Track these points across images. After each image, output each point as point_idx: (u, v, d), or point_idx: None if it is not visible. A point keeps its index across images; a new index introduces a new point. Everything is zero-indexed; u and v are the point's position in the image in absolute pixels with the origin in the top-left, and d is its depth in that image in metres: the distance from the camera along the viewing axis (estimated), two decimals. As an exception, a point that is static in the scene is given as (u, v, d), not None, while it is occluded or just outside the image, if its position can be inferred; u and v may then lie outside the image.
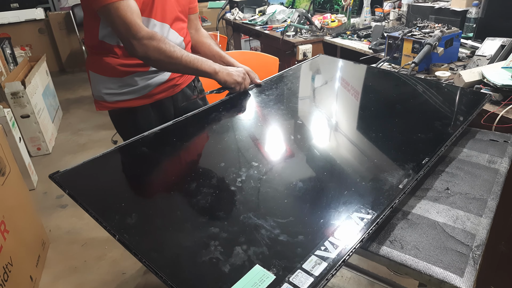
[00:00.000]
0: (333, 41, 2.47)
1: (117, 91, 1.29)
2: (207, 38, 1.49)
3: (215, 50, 1.45)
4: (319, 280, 0.57)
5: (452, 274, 0.67)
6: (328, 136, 1.09)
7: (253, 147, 1.00)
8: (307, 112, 1.23)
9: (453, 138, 0.97)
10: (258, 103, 1.26)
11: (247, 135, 1.07)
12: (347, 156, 0.97)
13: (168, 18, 1.26)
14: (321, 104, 1.30)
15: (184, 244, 0.68)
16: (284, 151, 1.00)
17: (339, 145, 1.03)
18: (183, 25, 1.35)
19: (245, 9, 3.46)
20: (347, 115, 1.21)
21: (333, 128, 1.12)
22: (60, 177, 0.88)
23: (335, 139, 1.06)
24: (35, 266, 1.83)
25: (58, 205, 2.43)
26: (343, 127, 1.12)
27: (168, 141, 1.06)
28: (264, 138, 1.07)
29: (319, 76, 1.56)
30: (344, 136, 1.06)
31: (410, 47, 1.69)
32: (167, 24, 1.27)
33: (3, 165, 1.75)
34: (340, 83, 1.45)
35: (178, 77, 1.38)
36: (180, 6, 1.31)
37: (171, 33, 1.29)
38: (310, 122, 1.16)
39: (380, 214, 0.71)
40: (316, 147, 1.01)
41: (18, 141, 2.56)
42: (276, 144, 1.04)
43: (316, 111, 1.24)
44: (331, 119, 1.18)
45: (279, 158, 0.97)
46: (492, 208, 0.83)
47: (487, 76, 1.36)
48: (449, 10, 2.09)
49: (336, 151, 1.00)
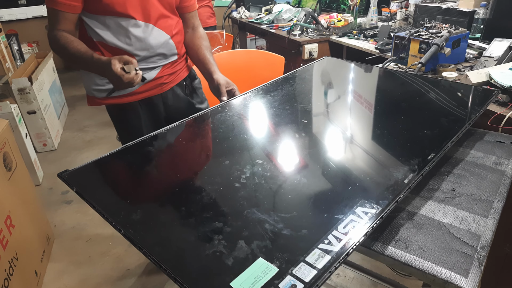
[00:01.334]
0: (339, 41, 2.47)
1: (105, 88, 1.30)
2: (200, 39, 1.45)
3: (202, 54, 1.42)
4: (322, 272, 0.57)
5: (456, 275, 0.66)
6: (333, 133, 1.08)
7: (257, 145, 1.01)
8: (312, 111, 1.23)
9: (459, 135, 0.96)
10: (263, 103, 1.26)
11: (251, 134, 1.08)
12: (352, 152, 0.97)
13: (152, 17, 1.26)
14: (326, 103, 1.30)
15: (188, 239, 0.68)
16: (288, 148, 1.00)
17: (344, 141, 1.03)
18: (170, 22, 1.33)
19: (251, 8, 3.46)
20: (353, 113, 1.20)
21: (339, 126, 1.12)
22: (68, 176, 0.90)
23: (340, 136, 1.06)
24: (40, 261, 1.84)
25: (63, 201, 2.45)
26: (348, 125, 1.12)
27: (173, 141, 1.07)
28: (269, 137, 1.07)
29: (324, 77, 1.56)
30: (349, 133, 1.06)
31: (417, 47, 1.68)
32: (151, 23, 1.26)
33: (9, 161, 1.77)
34: (346, 84, 1.45)
35: (166, 76, 1.38)
36: (164, 4, 1.29)
37: (155, 31, 1.28)
38: (315, 121, 1.16)
39: (384, 208, 0.71)
40: (321, 144, 1.01)
41: (24, 137, 2.58)
42: (281, 142, 1.04)
43: (321, 110, 1.24)
44: (336, 118, 1.17)
45: (283, 155, 0.97)
46: (498, 209, 0.82)
47: (494, 77, 1.35)
48: (456, 10, 2.08)
49: (341, 147, 1.00)
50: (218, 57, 2.01)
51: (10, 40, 3.38)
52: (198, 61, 1.42)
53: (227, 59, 2.02)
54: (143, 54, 1.28)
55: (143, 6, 1.23)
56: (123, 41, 1.24)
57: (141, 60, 1.29)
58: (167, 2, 1.29)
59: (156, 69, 1.34)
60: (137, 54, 1.27)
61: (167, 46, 1.33)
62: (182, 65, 1.45)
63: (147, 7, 1.24)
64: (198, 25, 1.48)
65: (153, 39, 1.28)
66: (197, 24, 1.48)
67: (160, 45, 1.30)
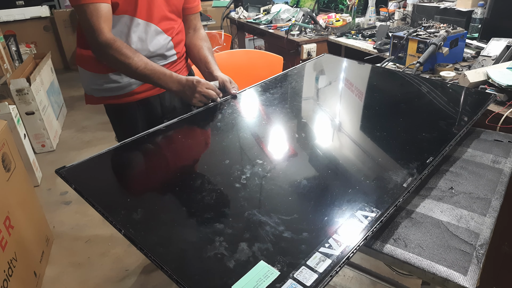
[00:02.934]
0: (337, 41, 2.47)
1: (102, 87, 1.30)
2: (201, 40, 1.45)
3: (203, 55, 1.41)
4: (323, 276, 0.58)
5: (455, 273, 0.67)
6: (332, 135, 1.09)
7: (257, 145, 1.01)
8: (311, 111, 1.23)
9: (457, 138, 0.97)
10: (262, 101, 1.27)
11: (251, 133, 1.08)
12: (352, 154, 0.97)
13: (155, 17, 1.25)
14: (325, 103, 1.31)
15: (190, 240, 0.68)
16: (288, 149, 1.00)
17: (344, 144, 1.04)
18: (174, 24, 1.33)
19: (250, 8, 3.46)
20: (351, 114, 1.21)
21: (338, 127, 1.13)
22: (66, 172, 0.89)
23: (340, 138, 1.06)
24: (39, 262, 1.84)
25: (62, 202, 2.44)
26: (347, 126, 1.12)
27: (173, 138, 1.07)
28: (269, 137, 1.07)
29: (323, 76, 1.56)
30: (348, 135, 1.07)
31: (415, 47, 1.69)
32: (153, 23, 1.25)
33: (8, 161, 1.77)
34: (345, 83, 1.45)
35: None
36: (170, 5, 1.29)
37: (157, 32, 1.28)
38: (314, 121, 1.16)
39: (384, 212, 0.71)
40: (320, 145, 1.01)
41: (23, 137, 2.58)
42: (281, 142, 1.04)
43: (320, 110, 1.24)
44: (335, 118, 1.18)
45: (283, 156, 0.97)
46: (496, 207, 0.83)
47: (492, 77, 1.35)
48: (454, 10, 2.09)
49: (340, 150, 1.00)
50: (217, 57, 2.00)
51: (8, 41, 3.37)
52: (199, 60, 1.42)
53: (226, 59, 2.02)
54: (143, 54, 1.27)
55: (149, 7, 1.23)
56: (127, 41, 1.23)
57: None
58: (174, 5, 1.30)
59: None
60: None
61: (167, 46, 1.33)
62: (181, 65, 1.45)
63: (152, 8, 1.24)
64: (200, 27, 1.48)
65: (153, 40, 1.27)
66: (199, 26, 1.48)
67: (161, 46, 1.30)
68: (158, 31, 1.28)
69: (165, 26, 1.30)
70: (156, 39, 1.28)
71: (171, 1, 1.29)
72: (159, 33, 1.28)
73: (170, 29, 1.32)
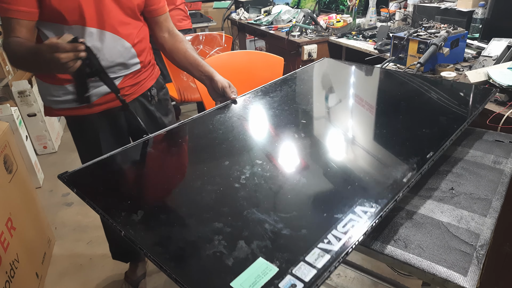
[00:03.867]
0: (338, 41, 2.47)
1: (61, 99, 1.25)
2: (183, 43, 1.36)
3: (192, 58, 1.33)
4: (322, 272, 0.58)
5: (455, 273, 0.67)
6: (332, 133, 1.09)
7: (257, 145, 1.01)
8: (311, 112, 1.23)
9: (458, 133, 0.96)
10: (262, 104, 1.27)
11: (251, 134, 1.08)
12: (351, 151, 0.97)
13: (108, 23, 1.17)
14: (325, 103, 1.31)
15: (189, 239, 0.68)
16: (288, 148, 1.00)
17: (343, 141, 1.04)
18: (132, 30, 1.24)
19: (251, 9, 3.47)
20: (352, 113, 1.21)
21: (337, 126, 1.13)
22: (69, 177, 0.90)
23: (339, 136, 1.06)
24: (41, 263, 1.85)
25: (64, 203, 2.45)
26: (347, 124, 1.12)
27: (172, 142, 1.07)
28: (268, 137, 1.08)
29: (323, 78, 1.56)
30: (348, 132, 1.07)
31: (416, 48, 1.69)
32: (107, 30, 1.18)
33: (10, 163, 1.77)
34: (345, 84, 1.45)
35: (128, 87, 1.30)
36: (124, 9, 1.20)
37: (114, 40, 1.20)
38: (313, 121, 1.16)
39: (383, 207, 0.71)
40: (320, 144, 1.01)
41: (24, 139, 2.59)
42: (280, 142, 1.04)
43: (320, 111, 1.24)
44: (336, 117, 1.18)
45: (283, 155, 0.97)
46: (496, 208, 0.83)
47: (493, 77, 1.35)
48: (455, 10, 2.09)
49: (340, 147, 1.00)
50: (217, 58, 2.02)
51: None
52: (190, 64, 1.33)
53: (227, 61, 2.02)
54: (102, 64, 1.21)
55: (99, 13, 1.15)
56: None
57: None
58: (128, 7, 1.21)
59: (116, 80, 1.26)
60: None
61: (127, 55, 1.25)
62: (147, 74, 1.37)
63: (104, 14, 1.15)
64: (173, 28, 1.38)
65: (111, 49, 1.20)
66: (172, 27, 1.38)
67: (120, 54, 1.22)
68: (115, 38, 1.20)
69: (123, 32, 1.21)
70: (114, 47, 1.20)
71: (125, 4, 1.20)
72: (117, 40, 1.21)
73: (129, 35, 1.23)
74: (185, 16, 3.00)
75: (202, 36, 2.82)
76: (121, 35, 1.21)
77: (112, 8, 1.17)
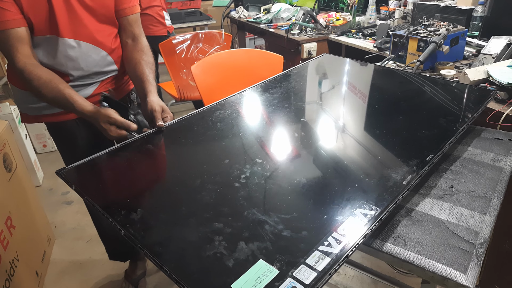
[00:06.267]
0: (338, 40, 2.47)
1: (38, 105, 1.22)
2: (139, 53, 1.25)
3: (140, 70, 1.22)
4: (322, 275, 0.58)
5: (455, 271, 0.67)
6: (332, 133, 1.09)
7: (257, 144, 1.01)
8: (311, 110, 1.23)
9: (457, 135, 0.96)
10: (262, 101, 1.27)
11: (251, 133, 1.08)
12: (351, 153, 0.97)
13: (83, 33, 1.15)
14: (325, 102, 1.31)
15: (189, 239, 0.68)
16: (288, 148, 1.00)
17: (343, 142, 1.03)
18: (108, 37, 1.21)
19: (250, 7, 3.46)
20: (352, 112, 1.21)
21: (337, 126, 1.13)
22: (67, 173, 0.90)
23: (339, 137, 1.06)
24: (40, 261, 1.85)
25: (64, 202, 2.45)
26: (347, 125, 1.12)
27: (172, 139, 1.07)
28: (268, 136, 1.08)
29: (323, 75, 1.56)
30: (348, 133, 1.07)
31: (415, 46, 1.69)
32: (82, 40, 1.15)
33: (9, 162, 1.77)
34: (344, 82, 1.45)
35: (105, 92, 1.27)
36: (97, 16, 1.17)
37: (89, 49, 1.18)
38: (314, 120, 1.16)
39: (383, 210, 0.71)
40: (320, 144, 1.01)
41: (24, 138, 2.58)
42: (280, 141, 1.04)
43: (320, 109, 1.24)
44: (336, 117, 1.18)
45: (283, 155, 0.97)
46: (496, 206, 0.83)
47: (492, 75, 1.35)
48: (455, 8, 2.08)
49: (340, 148, 1.00)
50: (217, 56, 2.01)
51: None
52: (135, 78, 1.23)
53: (226, 59, 2.02)
54: (77, 74, 1.19)
55: (72, 23, 1.12)
56: (56, 62, 1.15)
57: (76, 79, 1.20)
58: (101, 14, 1.17)
59: (93, 85, 1.24)
60: (71, 74, 1.18)
61: (103, 62, 1.23)
62: (125, 79, 1.35)
63: (77, 24, 1.13)
64: (139, 35, 1.28)
65: (87, 58, 1.18)
66: (138, 33, 1.28)
67: (96, 63, 1.21)
68: (90, 48, 1.17)
69: (98, 40, 1.19)
70: (89, 56, 1.18)
71: (98, 11, 1.16)
72: (92, 49, 1.18)
73: (105, 43, 1.21)
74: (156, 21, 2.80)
75: (201, 34, 2.81)
76: (96, 44, 1.19)
77: (85, 17, 1.14)
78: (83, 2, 1.13)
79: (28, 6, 1.06)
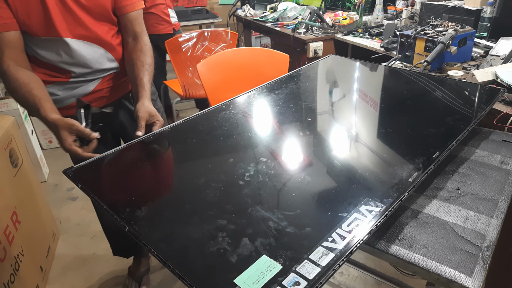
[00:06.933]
0: (344, 39, 2.46)
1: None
2: (139, 52, 1.22)
3: (136, 71, 1.19)
4: (326, 270, 0.57)
5: (461, 274, 0.66)
6: (338, 132, 1.08)
7: (261, 143, 1.01)
8: (316, 109, 1.23)
9: (465, 133, 0.95)
10: (267, 101, 1.26)
11: (256, 132, 1.08)
12: (356, 150, 0.97)
13: (79, 32, 1.15)
14: (330, 101, 1.30)
15: (193, 236, 0.68)
16: (293, 146, 1.00)
17: (349, 140, 1.03)
18: (107, 34, 1.20)
19: (256, 6, 3.46)
20: (357, 111, 1.20)
21: (343, 124, 1.12)
22: (74, 172, 0.90)
23: (345, 135, 1.06)
24: (45, 257, 1.86)
25: (69, 198, 2.46)
26: (352, 123, 1.11)
27: (177, 139, 1.07)
28: (273, 135, 1.07)
29: (329, 76, 1.55)
30: (353, 131, 1.06)
31: (423, 46, 1.67)
32: (80, 39, 1.15)
33: (15, 157, 1.78)
34: (350, 82, 1.44)
35: (106, 89, 1.28)
36: (94, 14, 1.16)
37: (88, 48, 1.18)
38: (319, 119, 1.15)
39: (389, 206, 0.70)
40: (325, 142, 1.01)
41: (30, 133, 2.60)
42: (285, 140, 1.04)
43: (325, 109, 1.23)
44: (341, 116, 1.17)
45: (288, 153, 0.97)
46: (503, 209, 0.82)
47: (500, 76, 1.34)
48: (463, 9, 2.07)
49: (345, 146, 0.99)
50: (223, 55, 2.01)
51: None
52: (131, 79, 1.22)
53: (232, 57, 2.02)
54: (79, 71, 1.20)
55: (69, 22, 1.12)
56: (56, 59, 1.16)
57: (78, 76, 1.21)
58: (97, 13, 1.16)
59: (94, 82, 1.24)
60: (73, 71, 1.19)
61: (103, 61, 1.22)
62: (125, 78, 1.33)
63: (73, 22, 1.13)
64: (140, 33, 1.25)
65: (86, 56, 1.18)
66: (139, 31, 1.25)
67: (95, 61, 1.20)
68: (87, 45, 1.18)
69: (97, 38, 1.18)
70: (88, 53, 1.18)
71: (93, 9, 1.15)
72: (91, 48, 1.19)
73: (103, 40, 1.20)
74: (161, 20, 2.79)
75: (207, 33, 2.81)
76: (95, 41, 1.19)
77: (82, 16, 1.13)
78: (78, 1, 1.12)
79: (22, 10, 1.06)
